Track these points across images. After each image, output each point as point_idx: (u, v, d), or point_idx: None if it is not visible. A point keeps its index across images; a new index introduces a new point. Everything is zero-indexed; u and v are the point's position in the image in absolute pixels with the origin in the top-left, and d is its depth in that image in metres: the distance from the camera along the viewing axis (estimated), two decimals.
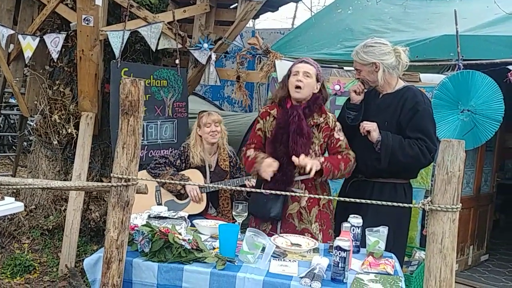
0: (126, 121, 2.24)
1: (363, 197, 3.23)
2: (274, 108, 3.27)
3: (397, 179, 3.25)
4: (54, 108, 4.77)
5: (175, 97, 4.83)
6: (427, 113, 3.18)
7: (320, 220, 3.21)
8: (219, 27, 5.14)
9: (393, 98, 3.25)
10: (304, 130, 3.09)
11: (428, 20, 4.98)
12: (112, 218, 2.28)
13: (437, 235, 2.07)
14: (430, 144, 3.12)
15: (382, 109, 3.26)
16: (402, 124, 3.17)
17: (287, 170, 3.12)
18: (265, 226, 3.24)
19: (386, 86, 3.29)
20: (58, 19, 4.71)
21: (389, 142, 3.12)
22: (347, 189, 3.44)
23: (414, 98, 3.19)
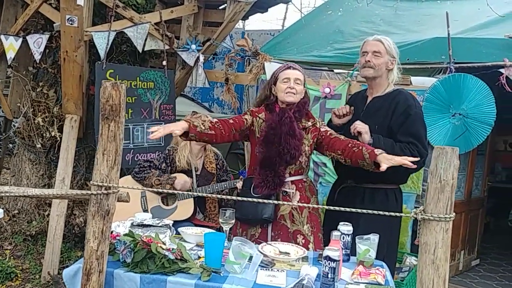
0: (106, 126, 2.15)
1: (354, 203, 3.12)
2: (262, 112, 3.19)
3: (387, 185, 3.17)
4: (38, 111, 4.66)
5: (162, 99, 4.73)
6: (419, 117, 3.11)
7: (311, 222, 3.14)
8: (208, 28, 5.05)
9: (383, 101, 3.18)
10: (296, 131, 3.03)
11: (419, 22, 4.92)
12: (92, 228, 2.18)
13: (430, 245, 1.99)
14: (422, 148, 3.04)
15: (372, 113, 3.19)
16: (393, 128, 3.10)
17: (279, 170, 3.04)
18: (254, 231, 3.14)
19: (379, 88, 3.22)
20: (41, 19, 4.60)
21: (381, 146, 3.01)
22: (335, 196, 3.36)
23: (406, 102, 3.12)
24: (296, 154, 3.03)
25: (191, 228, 2.98)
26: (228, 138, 3.07)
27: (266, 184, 3.03)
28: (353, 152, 2.91)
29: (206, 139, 3.01)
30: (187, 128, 2.85)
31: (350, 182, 3.26)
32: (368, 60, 3.16)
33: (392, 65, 3.19)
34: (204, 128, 2.91)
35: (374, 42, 3.21)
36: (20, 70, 4.81)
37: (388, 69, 3.19)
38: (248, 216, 3.13)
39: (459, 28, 4.34)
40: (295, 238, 3.08)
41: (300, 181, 3.15)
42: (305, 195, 3.15)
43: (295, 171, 3.13)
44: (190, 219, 3.77)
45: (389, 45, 3.19)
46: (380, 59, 3.15)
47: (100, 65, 4.29)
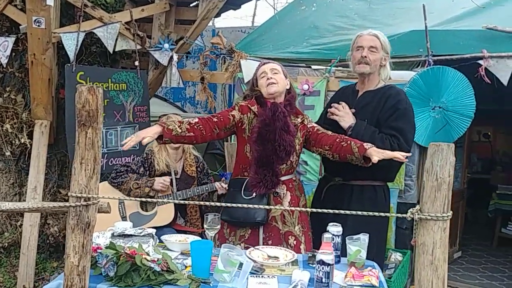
0: (83, 134, 2.01)
1: (341, 202, 3.10)
2: (254, 105, 3.06)
3: (375, 181, 3.10)
4: (6, 117, 4.45)
5: (135, 101, 4.58)
6: (407, 113, 3.04)
7: (301, 222, 3.07)
8: (180, 26, 4.92)
9: (373, 95, 3.10)
10: (291, 126, 2.95)
11: (394, 15, 4.88)
12: (72, 242, 2.05)
13: (427, 245, 1.93)
14: (403, 143, 2.96)
15: (361, 107, 3.11)
16: (380, 120, 3.02)
17: (276, 169, 2.95)
18: (243, 232, 3.02)
19: (370, 83, 3.14)
20: (6, 21, 4.38)
21: (361, 131, 2.98)
22: (323, 194, 3.27)
23: (396, 97, 3.04)
24: (291, 150, 2.95)
25: (175, 236, 2.86)
26: (210, 137, 2.96)
27: (264, 183, 2.93)
28: (342, 146, 2.85)
29: (184, 141, 2.91)
30: (160, 132, 2.74)
31: (338, 179, 3.18)
32: (364, 55, 3.05)
33: (385, 61, 3.12)
34: (181, 131, 2.80)
35: (370, 37, 3.11)
36: None
37: (381, 65, 3.11)
38: (239, 219, 3.01)
39: (436, 21, 4.31)
40: (287, 239, 3.00)
41: (290, 181, 3.08)
42: (295, 194, 3.08)
43: (285, 170, 3.05)
44: (171, 225, 3.65)
45: (384, 41, 3.11)
46: (376, 54, 3.07)
47: (70, 67, 4.11)
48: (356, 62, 3.11)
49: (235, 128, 3.05)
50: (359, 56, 3.08)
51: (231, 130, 3.05)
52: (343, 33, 4.72)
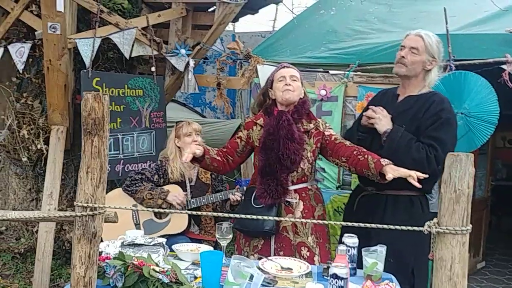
0: (89, 142, 1.97)
1: (375, 213, 2.94)
2: (260, 118, 3.07)
3: (411, 191, 2.85)
4: (23, 123, 4.47)
5: (152, 106, 4.55)
6: (449, 123, 2.85)
7: (316, 232, 2.98)
8: (197, 32, 4.88)
9: (415, 101, 2.93)
10: (295, 134, 2.88)
11: (415, 19, 4.77)
12: (78, 252, 2.00)
13: (446, 260, 1.83)
14: (441, 154, 2.74)
15: (400, 112, 2.94)
16: (420, 128, 2.85)
17: (281, 178, 2.89)
18: (257, 242, 2.98)
19: (412, 88, 2.97)
20: (23, 27, 4.41)
21: (397, 137, 2.82)
22: (355, 205, 3.11)
23: (440, 104, 2.87)
24: (296, 159, 2.88)
25: (186, 245, 2.80)
26: (230, 166, 3.08)
27: (269, 193, 2.88)
28: (358, 160, 2.76)
29: (213, 165, 2.99)
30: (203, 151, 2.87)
31: (371, 189, 3.01)
32: (402, 55, 2.90)
33: (430, 65, 2.93)
34: (213, 153, 2.97)
35: (414, 37, 2.95)
36: (3, 81, 4.62)
37: (425, 69, 2.94)
38: (249, 228, 2.97)
39: (457, 25, 4.19)
40: (299, 250, 2.92)
41: (303, 190, 3.00)
42: (309, 204, 2.99)
43: (297, 179, 2.98)
44: (185, 233, 3.59)
45: (430, 43, 2.92)
46: (416, 56, 2.90)
47: (86, 73, 4.10)
48: (396, 61, 2.97)
49: (249, 146, 3.08)
50: (399, 56, 2.94)
51: (245, 151, 3.10)
52: (362, 37, 4.63)
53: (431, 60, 2.94)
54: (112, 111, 4.27)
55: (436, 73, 3.01)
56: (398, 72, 2.95)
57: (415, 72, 2.92)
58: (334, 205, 4.19)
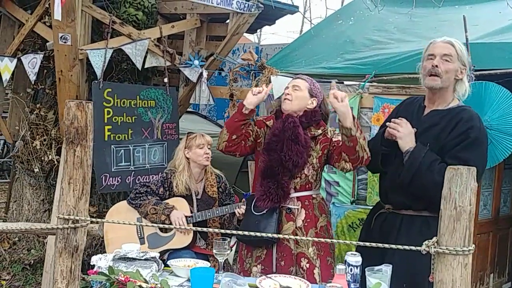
0: (72, 152, 1.91)
1: (389, 233, 2.75)
2: (270, 119, 3.00)
3: (429, 212, 2.64)
4: (36, 133, 4.48)
5: (164, 118, 4.51)
6: (479, 143, 2.62)
7: (318, 244, 2.85)
8: (212, 43, 4.83)
9: (442, 116, 2.68)
10: (301, 137, 2.77)
11: (435, 28, 4.60)
12: (60, 267, 1.93)
13: (446, 283, 1.69)
14: None
15: (425, 128, 2.71)
16: (446, 147, 2.62)
17: (283, 181, 2.78)
18: (260, 253, 2.88)
19: (441, 101, 2.72)
20: (39, 38, 4.44)
21: (419, 157, 2.59)
22: (372, 222, 2.92)
23: (469, 122, 2.63)
24: (299, 162, 2.77)
25: (184, 260, 2.70)
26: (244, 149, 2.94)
27: (269, 196, 2.78)
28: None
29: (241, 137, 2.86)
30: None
31: (388, 207, 2.83)
32: (435, 64, 2.62)
33: (462, 74, 2.68)
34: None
35: (444, 44, 2.68)
36: (19, 92, 4.66)
37: (456, 78, 2.68)
38: (249, 237, 2.86)
39: (479, 33, 4.02)
40: (299, 261, 2.81)
41: (307, 198, 2.89)
42: (312, 213, 2.87)
43: (301, 185, 2.87)
44: (190, 247, 3.49)
45: (461, 50, 2.68)
46: (449, 64, 2.63)
47: (97, 84, 4.09)
48: (426, 73, 2.68)
49: (255, 143, 2.96)
50: (429, 66, 2.65)
51: (251, 146, 2.96)
52: (380, 47, 4.49)
53: (463, 69, 2.70)
54: (123, 122, 4.25)
55: (467, 83, 2.76)
56: (432, 85, 2.67)
57: (449, 82, 2.67)
58: (349, 220, 4.03)
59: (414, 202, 2.67)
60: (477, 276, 4.22)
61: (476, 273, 4.19)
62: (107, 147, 4.14)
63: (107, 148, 4.14)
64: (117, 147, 4.20)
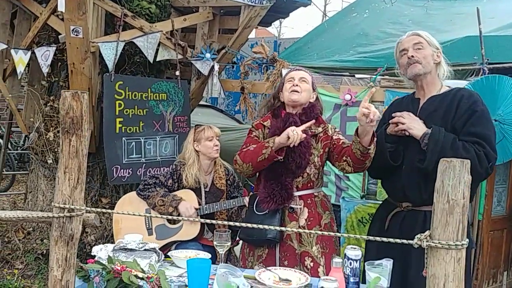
0: (67, 141, 1.92)
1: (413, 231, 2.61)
2: (267, 120, 2.96)
3: None
4: (50, 125, 4.54)
5: (175, 111, 4.52)
6: (486, 115, 2.60)
7: (322, 242, 2.83)
8: (224, 36, 4.83)
9: (441, 100, 2.69)
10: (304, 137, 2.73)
11: (451, 21, 4.52)
12: (55, 255, 1.96)
13: (439, 278, 1.65)
14: (490, 150, 2.52)
15: (427, 115, 2.69)
16: (456, 127, 2.59)
17: (286, 182, 2.77)
18: (261, 251, 2.87)
19: (431, 87, 2.73)
20: (53, 31, 4.49)
21: (440, 138, 2.54)
22: (387, 222, 2.81)
23: (471, 98, 2.63)
24: (302, 163, 2.76)
25: (184, 252, 2.71)
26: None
27: (273, 198, 2.76)
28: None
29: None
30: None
31: (406, 205, 2.74)
32: (411, 55, 2.67)
33: (438, 57, 2.71)
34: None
35: (411, 37, 2.74)
36: (34, 84, 4.73)
37: (435, 62, 2.70)
38: (252, 236, 2.86)
39: (494, 26, 3.93)
40: (303, 260, 2.78)
41: (309, 196, 2.87)
42: (315, 211, 2.85)
43: (303, 184, 2.85)
44: (198, 239, 3.51)
45: (428, 36, 2.72)
46: (424, 51, 2.67)
47: (109, 76, 4.12)
48: (406, 66, 2.71)
49: None
50: (405, 60, 2.70)
51: None
52: (394, 40, 4.35)
53: (437, 52, 2.72)
54: (134, 115, 4.27)
55: (445, 65, 2.76)
56: (416, 71, 2.67)
57: (430, 67, 2.68)
58: (358, 215, 4.00)
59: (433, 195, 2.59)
60: (489, 273, 4.14)
61: (489, 270, 4.12)
62: (118, 139, 4.17)
63: (118, 140, 4.17)
64: (128, 139, 4.24)
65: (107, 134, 4.14)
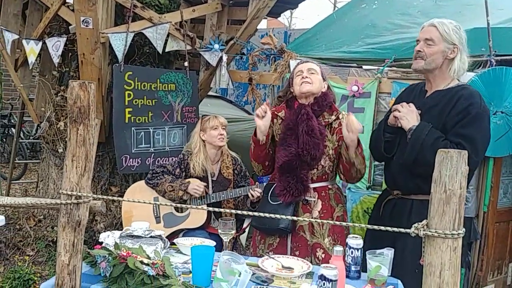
0: (75, 130, 1.97)
1: (400, 219, 2.72)
2: (281, 110, 3.00)
3: None
4: (61, 115, 4.61)
5: (184, 101, 4.56)
6: (479, 119, 2.62)
7: (333, 234, 2.86)
8: (233, 27, 4.86)
9: (443, 96, 2.72)
10: (315, 129, 2.77)
11: (460, 12, 4.49)
12: (63, 240, 2.01)
13: (435, 266, 1.68)
14: (472, 154, 2.46)
15: (428, 108, 2.73)
16: (447, 125, 2.65)
17: (302, 175, 2.80)
18: (272, 240, 2.91)
19: (438, 81, 2.75)
20: (64, 22, 4.54)
21: (422, 134, 2.60)
22: (381, 209, 2.93)
23: (469, 99, 2.64)
24: (316, 154, 2.78)
25: (189, 239, 2.77)
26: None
27: (289, 191, 2.80)
28: None
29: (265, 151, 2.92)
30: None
31: (397, 193, 2.85)
32: (418, 49, 2.71)
33: (453, 53, 2.69)
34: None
35: (427, 28, 2.75)
36: (45, 75, 4.80)
37: (448, 58, 2.70)
38: (265, 225, 2.90)
39: (503, 17, 3.91)
40: (315, 251, 2.82)
41: (323, 188, 2.90)
42: (328, 204, 2.88)
43: (317, 177, 2.88)
44: (205, 227, 3.57)
45: (447, 30, 2.69)
46: (433, 47, 2.68)
47: (118, 67, 4.17)
48: (413, 57, 2.77)
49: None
50: (415, 50, 2.74)
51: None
52: (402, 31, 4.42)
53: (452, 48, 2.70)
54: (143, 105, 4.33)
55: (462, 61, 2.75)
56: (416, 67, 2.74)
57: (436, 64, 2.70)
58: (364, 206, 4.02)
59: (423, 185, 2.63)
60: (494, 265, 4.15)
61: (494, 262, 4.12)
62: (128, 129, 4.23)
63: (128, 130, 4.23)
64: (137, 129, 4.29)
65: (117, 124, 4.19)
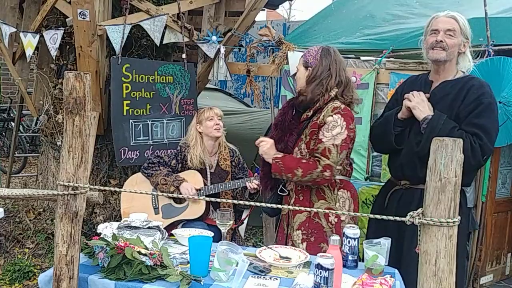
0: (71, 121, 1.98)
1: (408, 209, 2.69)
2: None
3: None
4: (59, 108, 4.61)
5: (182, 93, 4.56)
6: (491, 108, 2.64)
7: (307, 229, 2.75)
8: (230, 19, 4.85)
9: (452, 86, 2.71)
10: (286, 124, 2.81)
11: (458, 2, 4.48)
12: (60, 231, 2.02)
13: (430, 254, 1.69)
14: (487, 143, 2.57)
15: (438, 99, 2.72)
16: (460, 115, 2.65)
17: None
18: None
19: (447, 73, 2.75)
20: (61, 15, 4.53)
21: (438, 125, 2.59)
22: (386, 200, 2.91)
23: (480, 89, 2.65)
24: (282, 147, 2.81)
25: (188, 230, 2.78)
26: None
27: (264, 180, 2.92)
28: None
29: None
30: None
31: (404, 183, 2.83)
32: (440, 40, 2.66)
33: (464, 48, 2.72)
34: None
35: (447, 19, 2.71)
36: (43, 68, 4.79)
37: (459, 52, 2.72)
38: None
39: (501, 7, 3.91)
40: (288, 242, 2.83)
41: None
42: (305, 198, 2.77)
43: None
44: (203, 219, 3.58)
45: (464, 24, 2.71)
46: (453, 39, 2.67)
47: (116, 59, 4.15)
48: (429, 47, 2.71)
49: None
50: (433, 40, 2.69)
51: None
52: (400, 22, 4.43)
53: (465, 42, 2.72)
54: (141, 97, 4.32)
55: (470, 56, 2.78)
56: (437, 58, 2.68)
57: (453, 55, 2.70)
58: (362, 197, 4.03)
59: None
60: (493, 254, 4.17)
61: (492, 251, 4.14)
62: (126, 121, 4.22)
63: (126, 123, 4.22)
64: (135, 122, 4.29)
65: (115, 117, 4.19)
